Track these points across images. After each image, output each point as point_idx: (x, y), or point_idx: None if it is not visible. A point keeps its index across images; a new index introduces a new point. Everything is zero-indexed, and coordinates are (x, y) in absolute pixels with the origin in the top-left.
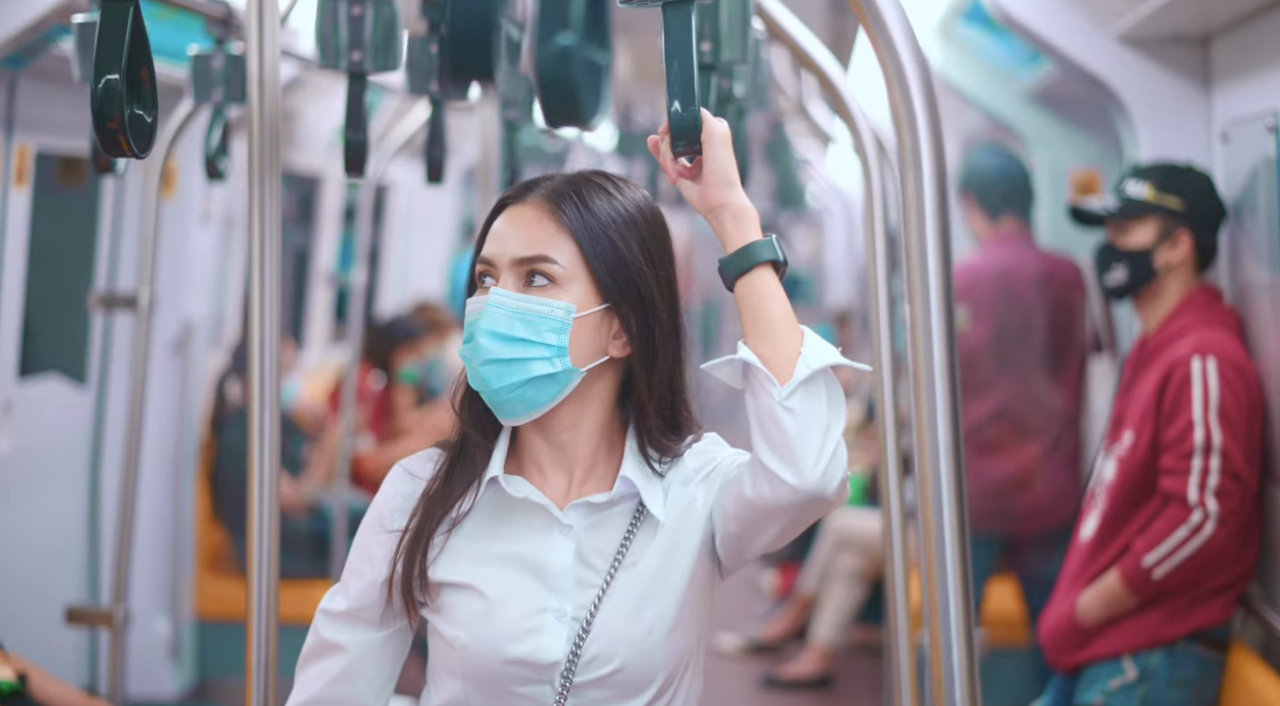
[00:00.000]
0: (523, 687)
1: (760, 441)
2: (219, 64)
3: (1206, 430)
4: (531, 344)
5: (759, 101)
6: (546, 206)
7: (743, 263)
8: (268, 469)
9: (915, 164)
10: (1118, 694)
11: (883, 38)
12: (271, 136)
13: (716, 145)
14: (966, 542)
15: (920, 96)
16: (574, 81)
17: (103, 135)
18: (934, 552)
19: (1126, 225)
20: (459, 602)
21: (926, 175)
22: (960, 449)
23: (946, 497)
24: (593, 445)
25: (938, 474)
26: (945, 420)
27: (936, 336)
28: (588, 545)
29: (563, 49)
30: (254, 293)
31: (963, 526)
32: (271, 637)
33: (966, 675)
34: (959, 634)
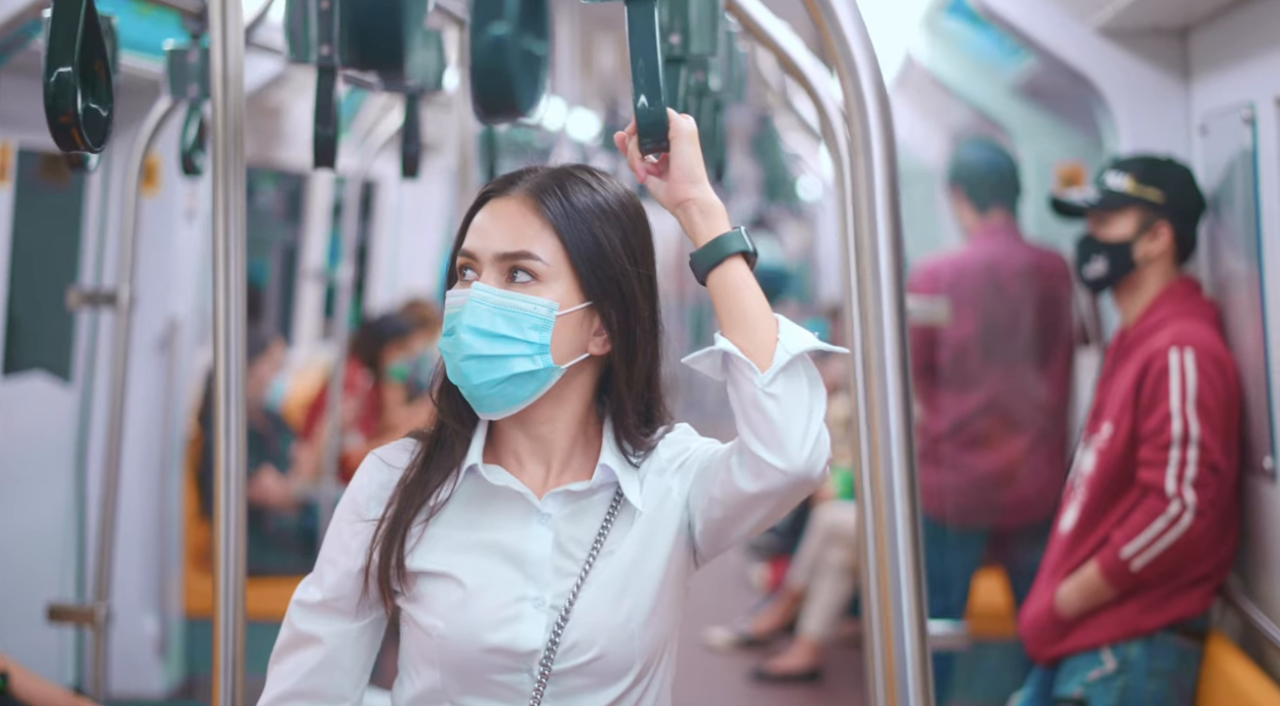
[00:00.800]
0: (501, 676)
1: (745, 429)
2: (194, 59)
3: (1184, 421)
4: (513, 341)
5: (737, 95)
6: (530, 201)
7: (714, 255)
8: (234, 465)
9: (866, 153)
10: (1097, 685)
11: (834, 30)
12: (236, 131)
13: (683, 142)
14: (918, 533)
15: (870, 87)
16: (508, 72)
17: (56, 129)
18: (885, 544)
19: (1106, 217)
20: (437, 591)
21: (877, 165)
22: (911, 437)
23: (898, 488)
24: (571, 437)
25: (889, 464)
26: (897, 409)
27: (888, 325)
28: (566, 534)
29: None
30: (218, 289)
31: (914, 516)
32: (239, 633)
33: (919, 666)
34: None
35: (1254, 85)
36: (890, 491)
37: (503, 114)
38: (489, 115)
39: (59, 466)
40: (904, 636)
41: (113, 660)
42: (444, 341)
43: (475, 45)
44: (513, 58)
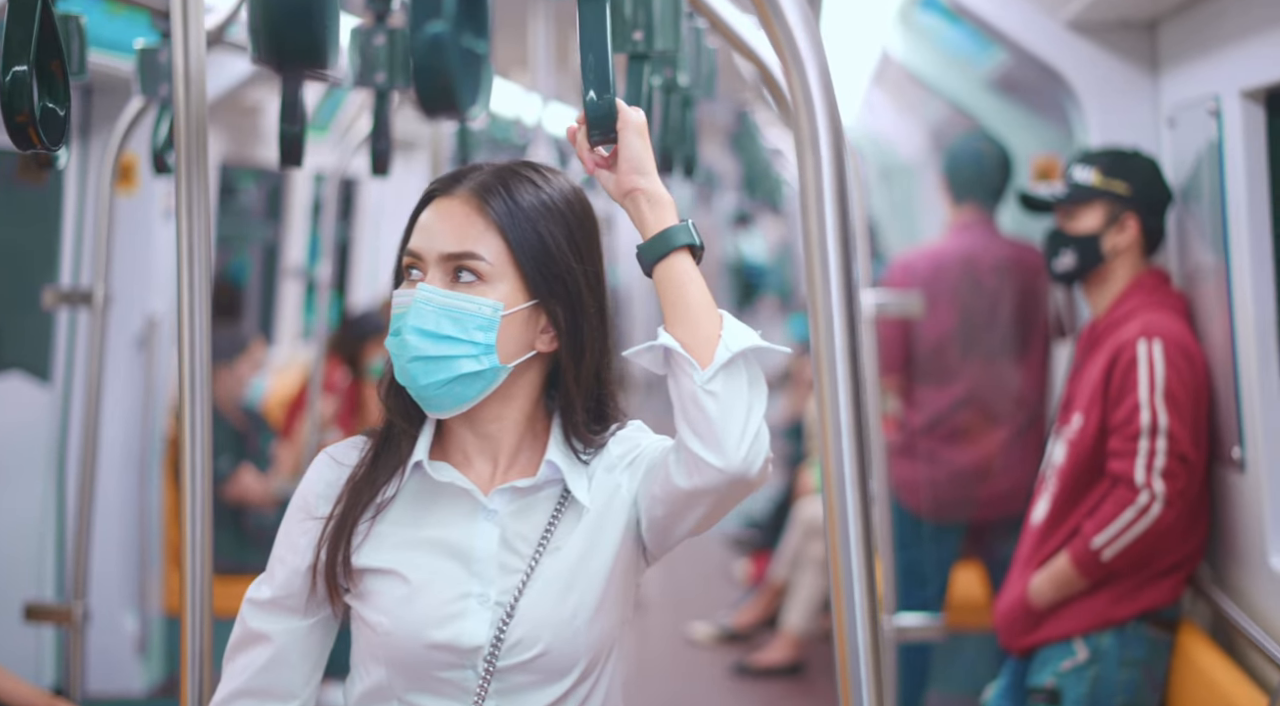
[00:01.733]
0: (445, 672)
1: (683, 425)
2: (165, 58)
3: (1153, 412)
4: (459, 342)
5: (706, 91)
6: (474, 201)
7: (659, 248)
8: (199, 462)
9: (813, 148)
10: (1069, 675)
11: (779, 23)
12: (199, 129)
13: (631, 133)
14: (869, 525)
15: (817, 81)
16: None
17: (12, 129)
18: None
19: (1074, 210)
20: (382, 588)
21: (825, 159)
22: (863, 430)
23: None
24: (518, 434)
25: (840, 457)
26: (846, 402)
27: (837, 319)
28: (512, 530)
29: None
30: (183, 287)
31: (865, 508)
32: (206, 631)
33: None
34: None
35: (1219, 78)
36: (841, 484)
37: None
38: (430, 114)
39: (37, 466)
40: (856, 629)
41: (92, 659)
42: (390, 342)
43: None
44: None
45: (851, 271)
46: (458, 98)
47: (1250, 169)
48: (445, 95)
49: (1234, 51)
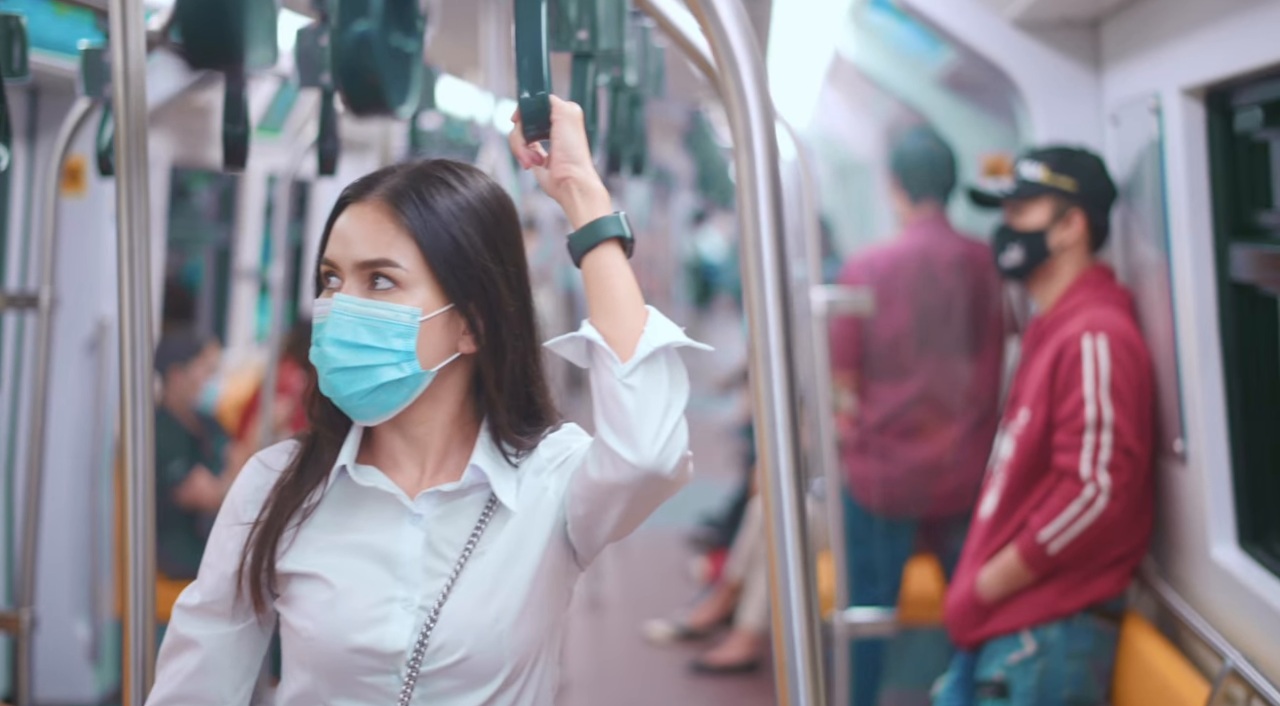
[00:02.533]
0: (369, 677)
1: (601, 419)
2: (109, 58)
3: (1098, 406)
4: (378, 351)
5: (655, 89)
6: (386, 207)
7: (589, 238)
8: (141, 467)
9: (748, 147)
10: (1017, 667)
11: (714, 23)
12: (138, 130)
13: (564, 124)
14: (804, 520)
15: (751, 81)
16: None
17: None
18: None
19: (1021, 206)
20: (306, 592)
21: (759, 158)
22: (796, 426)
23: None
24: (446, 437)
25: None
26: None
27: (771, 316)
28: (438, 535)
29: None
30: (123, 289)
31: (801, 505)
32: (149, 636)
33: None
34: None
35: (1160, 76)
36: (777, 481)
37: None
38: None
39: None
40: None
41: (43, 666)
42: (312, 353)
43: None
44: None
45: (786, 269)
46: (386, 97)
47: (1190, 165)
48: (373, 94)
49: (1173, 49)
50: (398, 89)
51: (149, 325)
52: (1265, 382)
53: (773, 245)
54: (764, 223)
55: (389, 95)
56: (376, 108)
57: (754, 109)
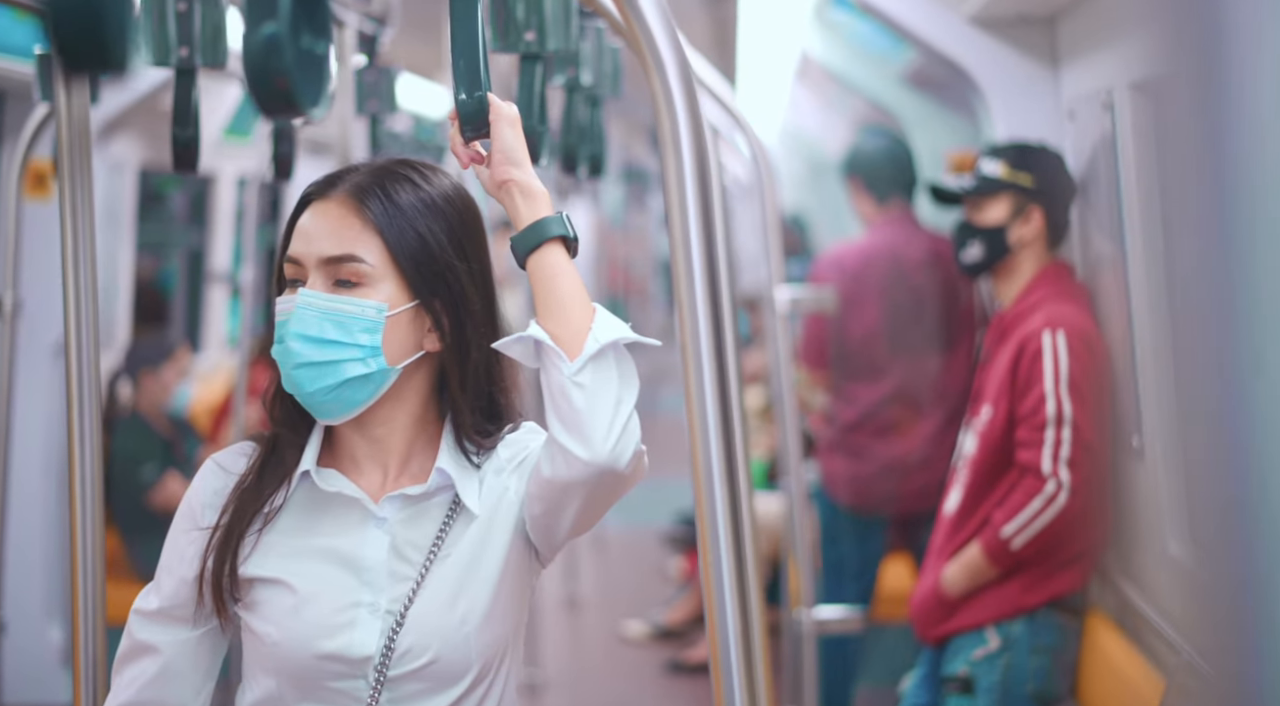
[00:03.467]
0: (336, 682)
1: (553, 418)
2: None
3: (1058, 402)
4: (344, 346)
5: (612, 89)
6: (351, 203)
7: (532, 239)
8: (89, 469)
9: (675, 147)
10: (981, 663)
11: (640, 24)
12: (81, 133)
13: (502, 126)
14: (740, 518)
15: (677, 83)
16: (283, 71)
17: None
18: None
19: (981, 202)
20: (270, 598)
21: (686, 159)
22: (730, 425)
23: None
24: (409, 439)
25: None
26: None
27: (701, 315)
28: (403, 538)
29: (269, 38)
30: (68, 293)
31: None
32: (99, 637)
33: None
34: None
35: (1113, 72)
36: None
37: (281, 113)
38: (268, 115)
39: None
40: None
41: (15, 671)
42: (275, 349)
43: (247, 45)
44: (286, 57)
45: (716, 268)
46: (296, 99)
47: (1140, 161)
48: (282, 96)
49: (1125, 44)
50: (309, 91)
51: (95, 329)
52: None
53: (701, 246)
54: (692, 224)
55: (299, 97)
56: (286, 109)
57: (680, 110)
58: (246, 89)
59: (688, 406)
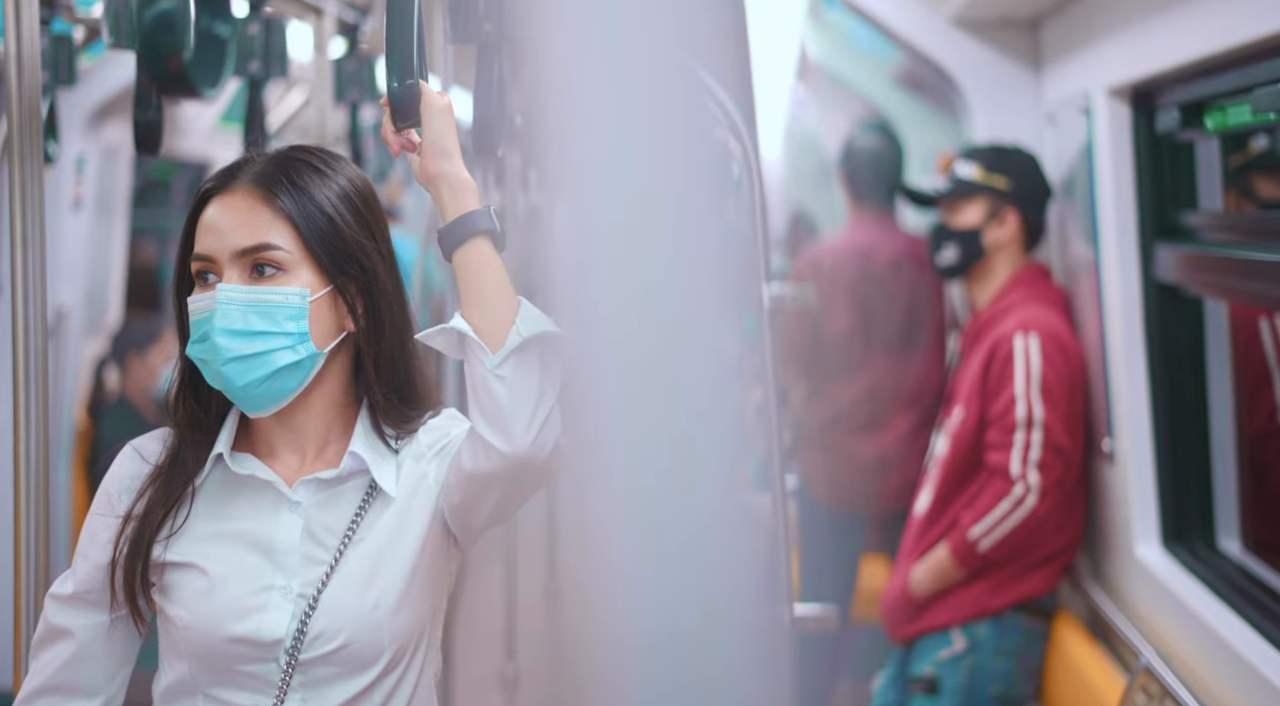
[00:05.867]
0: (247, 666)
1: (475, 410)
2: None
3: (1028, 404)
4: (272, 335)
5: None
6: (258, 193)
7: (459, 233)
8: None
9: None
10: (947, 664)
11: None
12: (31, 116)
13: (433, 116)
14: None
15: None
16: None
17: None
18: None
19: (956, 205)
20: (182, 581)
21: None
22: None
23: None
24: (326, 423)
25: None
26: None
27: None
28: (317, 522)
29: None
30: (16, 281)
31: None
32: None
33: None
34: None
35: (1090, 76)
36: None
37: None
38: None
39: None
40: None
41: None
42: (196, 348)
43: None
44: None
45: None
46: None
47: (1116, 165)
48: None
49: (1103, 49)
50: (206, 71)
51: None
52: (1190, 384)
53: None
54: None
55: (193, 77)
56: (181, 89)
57: None
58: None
59: None
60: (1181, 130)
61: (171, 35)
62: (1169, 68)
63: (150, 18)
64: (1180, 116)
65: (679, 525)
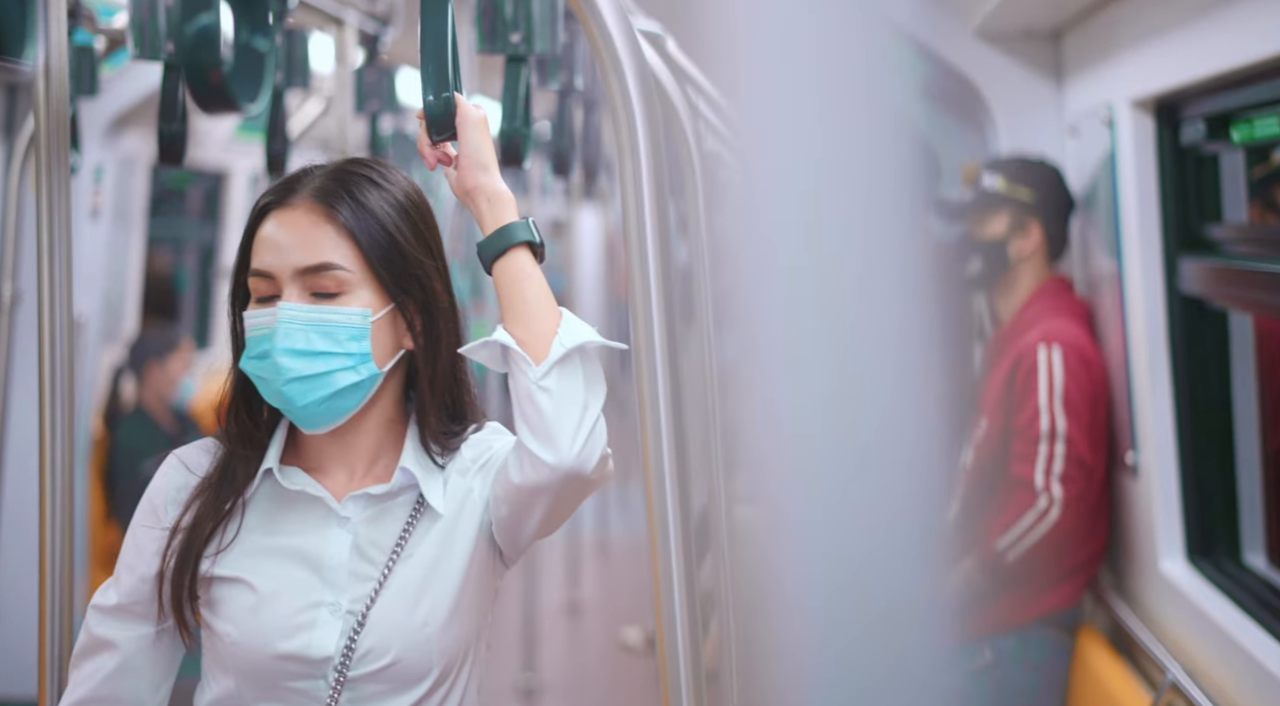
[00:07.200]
0: (296, 682)
1: (520, 422)
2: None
3: (1051, 417)
4: (334, 356)
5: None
6: (319, 208)
7: (498, 245)
8: (59, 463)
9: (633, 153)
10: (974, 677)
11: (600, 30)
12: (60, 126)
13: (469, 130)
14: (689, 525)
15: (636, 87)
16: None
17: None
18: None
19: (981, 216)
20: (230, 596)
21: (644, 164)
22: (681, 432)
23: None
24: (376, 440)
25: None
26: (665, 404)
27: (656, 320)
28: (366, 538)
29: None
30: (42, 290)
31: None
32: (66, 633)
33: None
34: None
35: (1113, 87)
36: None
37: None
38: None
39: None
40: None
41: (8, 663)
42: (253, 365)
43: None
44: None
45: (670, 272)
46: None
47: (1140, 177)
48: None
49: (1126, 61)
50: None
51: (69, 325)
52: (1215, 397)
53: (658, 252)
54: (649, 229)
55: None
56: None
57: (638, 115)
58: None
59: (640, 414)
60: (1207, 142)
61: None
62: (1194, 79)
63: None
64: (1206, 128)
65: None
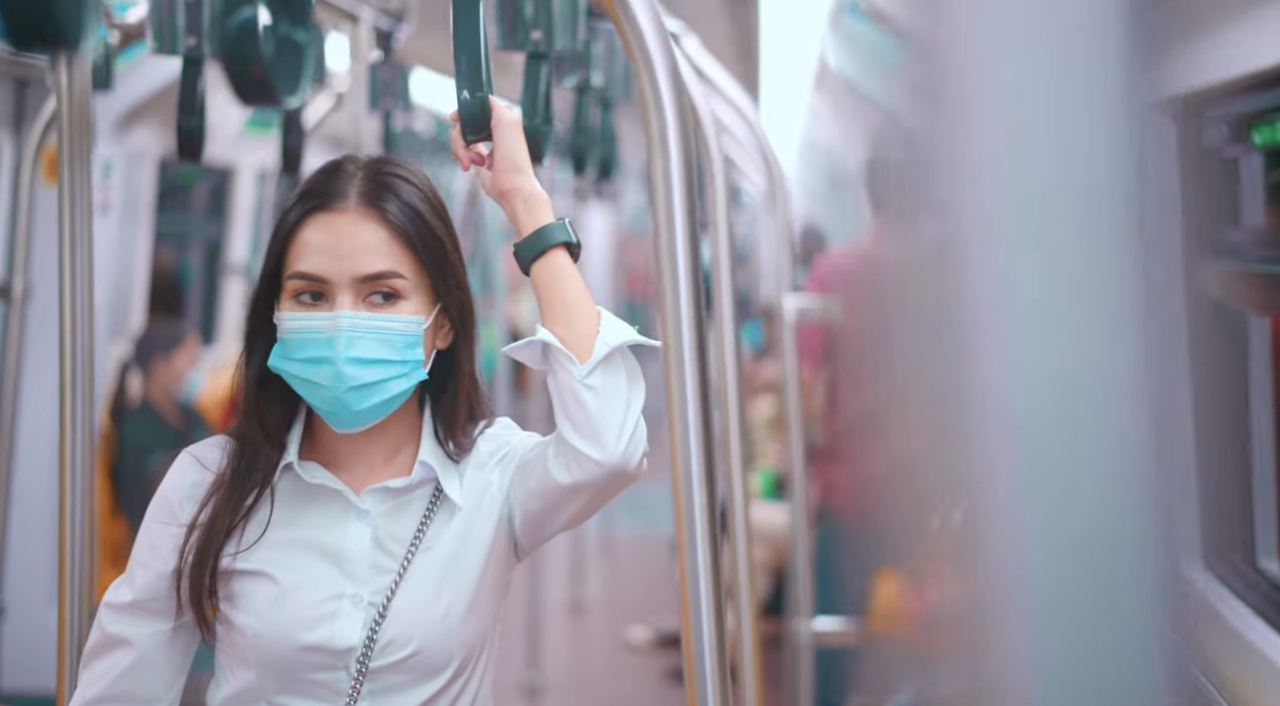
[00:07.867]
0: (318, 674)
1: (563, 420)
2: None
3: None
4: (391, 363)
5: (624, 92)
6: (373, 213)
7: (536, 246)
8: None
9: (663, 149)
10: None
11: (631, 28)
12: (82, 121)
13: (505, 131)
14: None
15: (666, 82)
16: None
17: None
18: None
19: None
20: (250, 590)
21: (674, 160)
22: (708, 430)
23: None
24: (397, 435)
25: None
26: (694, 402)
27: (685, 319)
28: (385, 531)
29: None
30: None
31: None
32: (85, 627)
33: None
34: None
35: None
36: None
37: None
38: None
39: None
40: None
41: (18, 656)
42: (303, 368)
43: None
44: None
45: (698, 270)
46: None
47: (1160, 180)
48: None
49: None
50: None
51: (90, 318)
52: (1230, 401)
53: (687, 247)
54: (679, 225)
55: (274, 84)
56: (262, 96)
57: (669, 111)
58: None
59: (670, 411)
60: (1228, 145)
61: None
62: (1216, 82)
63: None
64: (1229, 131)
65: None
